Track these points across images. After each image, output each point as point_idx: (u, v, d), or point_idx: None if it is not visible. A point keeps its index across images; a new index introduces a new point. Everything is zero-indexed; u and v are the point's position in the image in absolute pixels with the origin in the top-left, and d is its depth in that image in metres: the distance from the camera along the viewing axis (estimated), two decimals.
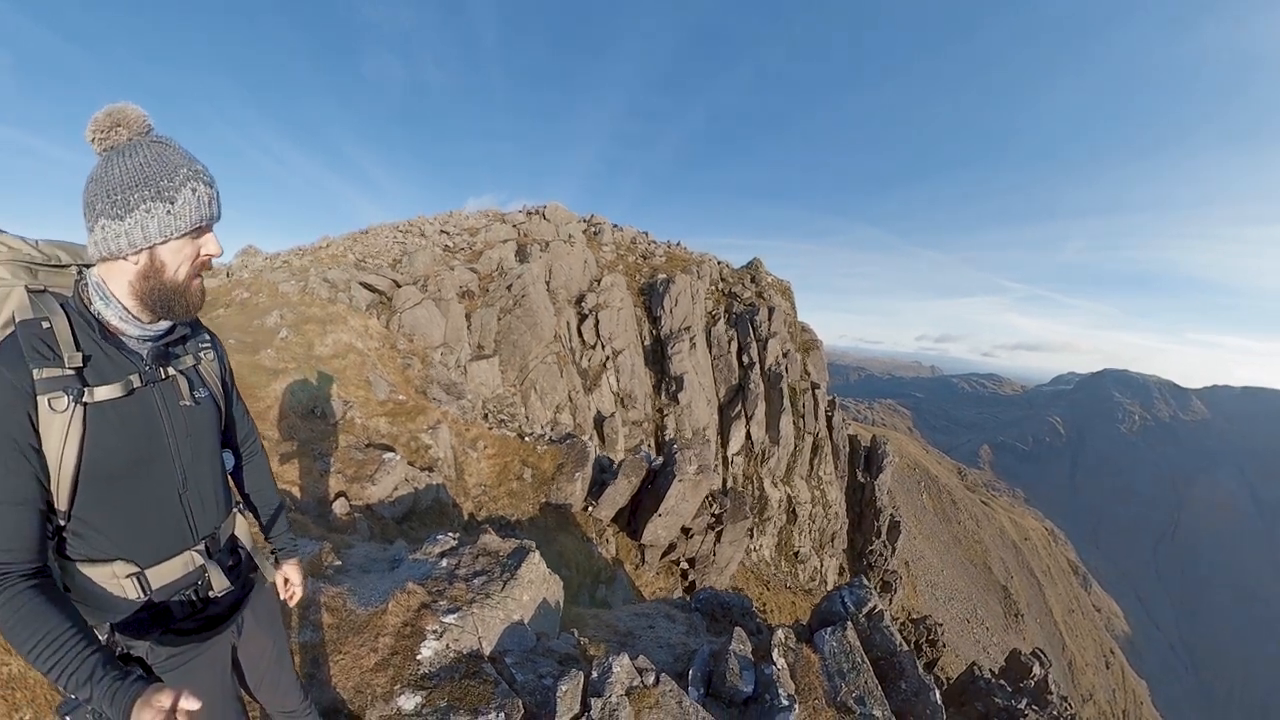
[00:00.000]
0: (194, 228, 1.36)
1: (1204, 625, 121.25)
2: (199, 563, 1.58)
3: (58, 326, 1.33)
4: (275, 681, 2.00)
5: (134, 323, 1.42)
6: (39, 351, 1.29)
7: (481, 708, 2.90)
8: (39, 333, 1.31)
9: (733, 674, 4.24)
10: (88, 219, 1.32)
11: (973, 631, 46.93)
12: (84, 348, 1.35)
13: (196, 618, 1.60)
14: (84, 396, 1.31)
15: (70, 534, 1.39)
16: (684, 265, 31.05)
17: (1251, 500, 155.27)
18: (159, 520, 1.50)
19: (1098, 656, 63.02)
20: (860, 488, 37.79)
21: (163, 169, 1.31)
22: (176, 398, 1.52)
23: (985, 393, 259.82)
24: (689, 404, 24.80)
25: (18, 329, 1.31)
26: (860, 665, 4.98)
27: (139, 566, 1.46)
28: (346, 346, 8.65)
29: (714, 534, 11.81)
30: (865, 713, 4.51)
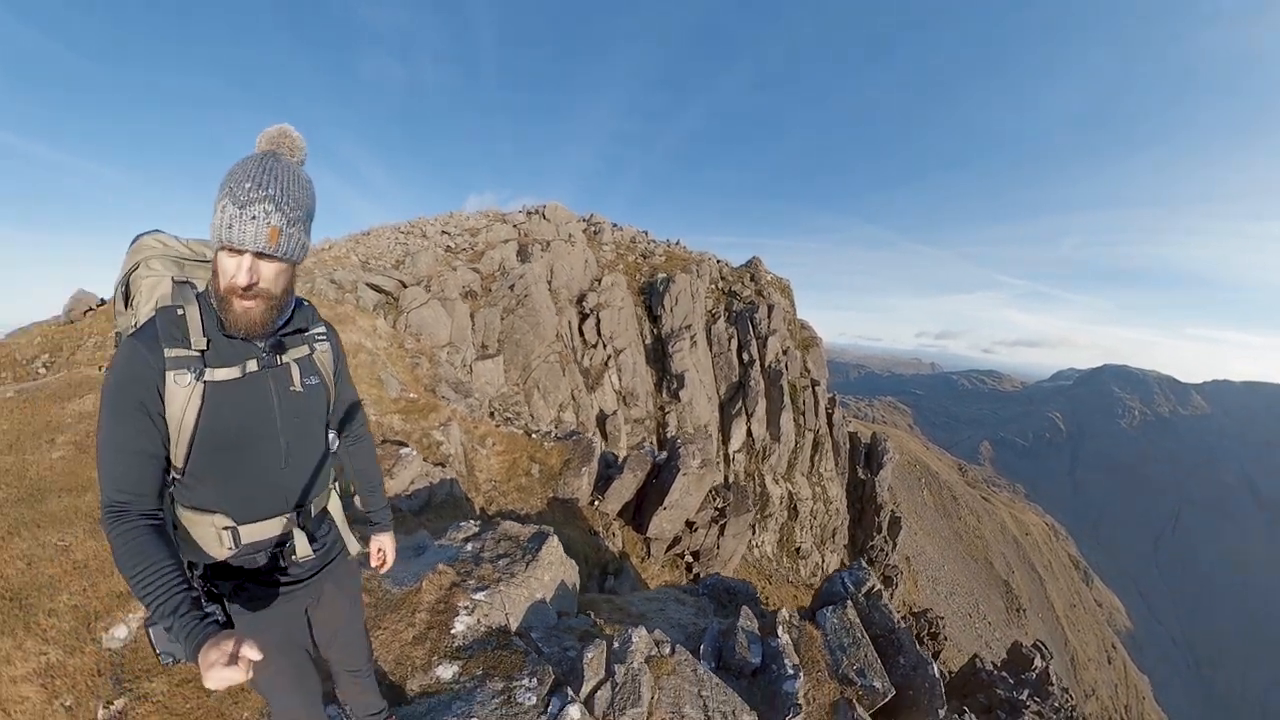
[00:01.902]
0: (221, 245, 1.45)
1: (1205, 620, 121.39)
2: (287, 529, 1.76)
3: (189, 314, 1.53)
4: (346, 643, 2.18)
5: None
6: (171, 334, 1.50)
7: (515, 675, 3.13)
8: (173, 319, 1.52)
9: (741, 647, 4.50)
10: None
11: (974, 626, 47.07)
12: (209, 334, 1.55)
13: (277, 575, 1.79)
14: (204, 375, 1.51)
15: (183, 486, 1.60)
16: (683, 264, 31.26)
17: (1252, 495, 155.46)
18: (258, 487, 1.69)
19: (1099, 652, 63.21)
20: (861, 484, 38.02)
21: (226, 181, 1.43)
22: (288, 383, 1.70)
23: (985, 389, 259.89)
24: (690, 401, 25.04)
25: (157, 314, 1.53)
26: (860, 640, 5.26)
27: (234, 522, 1.65)
28: (357, 346, 8.91)
29: (717, 527, 12.06)
30: (866, 684, 4.79)
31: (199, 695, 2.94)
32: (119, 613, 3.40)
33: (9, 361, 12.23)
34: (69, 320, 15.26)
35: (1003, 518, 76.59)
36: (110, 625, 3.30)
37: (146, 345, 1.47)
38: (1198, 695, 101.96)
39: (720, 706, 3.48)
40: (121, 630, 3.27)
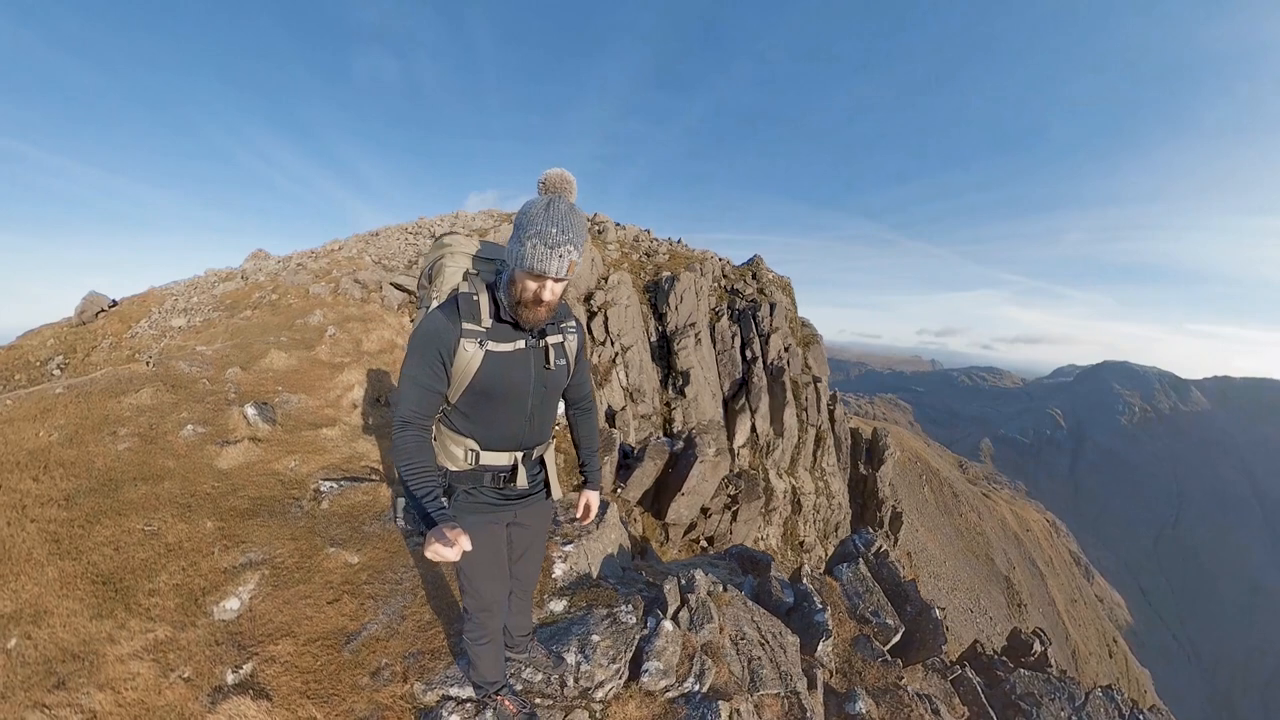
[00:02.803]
0: (527, 271, 1.93)
1: (1206, 615, 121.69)
2: (513, 462, 2.30)
3: (481, 301, 2.10)
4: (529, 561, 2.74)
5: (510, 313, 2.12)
6: (468, 313, 2.06)
7: (613, 604, 3.71)
8: (470, 302, 2.08)
9: (776, 591, 5.39)
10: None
11: (976, 621, 47.37)
12: (491, 317, 2.11)
13: (497, 492, 2.33)
14: (485, 345, 2.06)
15: (451, 414, 2.22)
16: (686, 263, 31.52)
17: (1252, 491, 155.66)
18: (502, 429, 2.23)
19: (1101, 646, 63.53)
20: (862, 480, 38.41)
21: (530, 221, 1.89)
22: (543, 362, 2.23)
23: (985, 386, 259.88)
24: (695, 397, 25.34)
25: (459, 296, 2.09)
26: (873, 589, 6.17)
27: (479, 448, 2.23)
28: (389, 343, 9.22)
29: (730, 513, 12.42)
30: (880, 622, 5.69)
31: (327, 652, 3.19)
32: (228, 587, 3.59)
33: (22, 364, 12.43)
34: (81, 322, 15.47)
35: (1003, 514, 76.88)
36: (221, 599, 3.48)
37: (450, 317, 2.04)
38: (1199, 689, 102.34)
39: (770, 628, 4.33)
40: (234, 602, 3.47)
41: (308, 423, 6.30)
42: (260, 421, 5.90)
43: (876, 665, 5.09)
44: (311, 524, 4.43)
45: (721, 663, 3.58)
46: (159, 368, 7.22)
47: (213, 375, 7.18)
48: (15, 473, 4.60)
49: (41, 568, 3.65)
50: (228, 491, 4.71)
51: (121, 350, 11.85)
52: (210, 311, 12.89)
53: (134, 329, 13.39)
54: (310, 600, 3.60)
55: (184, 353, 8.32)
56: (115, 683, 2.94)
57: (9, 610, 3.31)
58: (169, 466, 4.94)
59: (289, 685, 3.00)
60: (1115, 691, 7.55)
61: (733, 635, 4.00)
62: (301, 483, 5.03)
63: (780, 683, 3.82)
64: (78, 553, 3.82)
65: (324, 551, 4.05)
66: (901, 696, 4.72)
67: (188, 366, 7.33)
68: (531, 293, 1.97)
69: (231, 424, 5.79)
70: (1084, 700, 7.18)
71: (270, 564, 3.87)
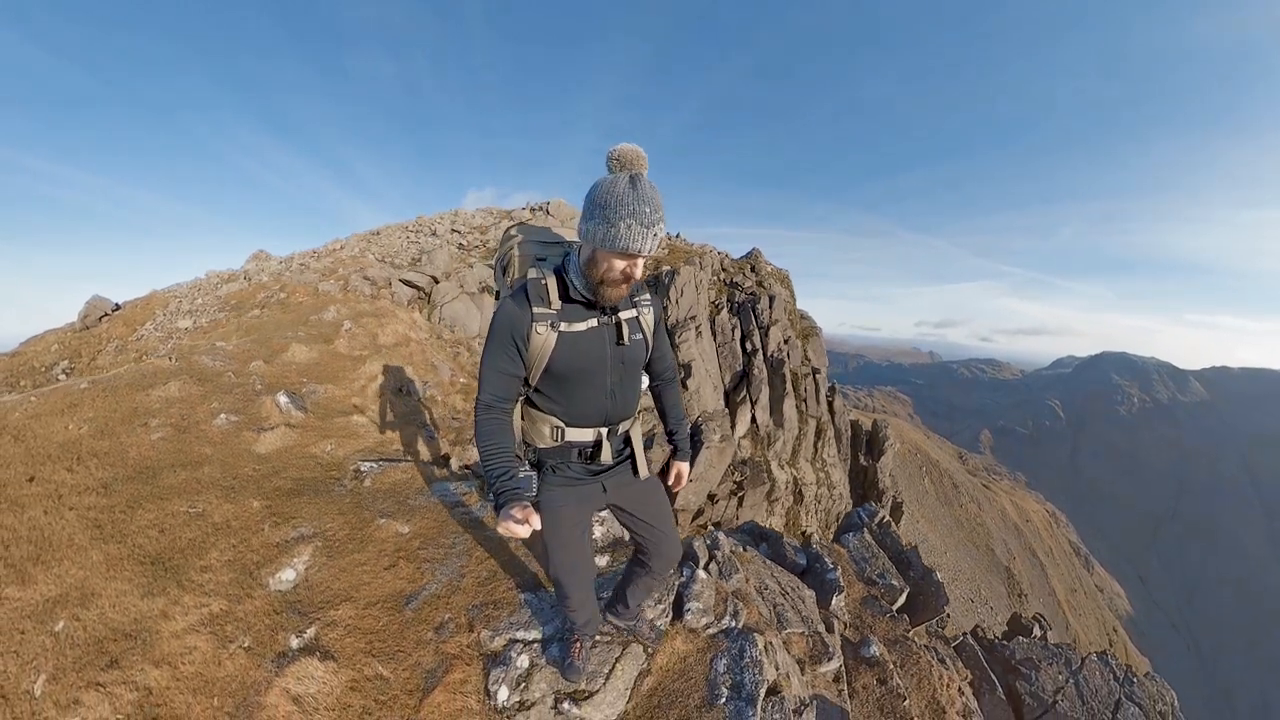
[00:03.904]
0: (616, 250, 1.92)
1: (1205, 604, 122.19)
2: (598, 438, 2.36)
3: (550, 285, 2.13)
4: (659, 523, 2.67)
5: (585, 292, 2.15)
6: (538, 297, 2.10)
7: None
8: (539, 287, 2.11)
9: (790, 554, 5.86)
10: (582, 211, 2.00)
11: (977, 611, 47.72)
12: (561, 299, 2.15)
13: (584, 467, 2.40)
14: (557, 327, 2.11)
15: (535, 394, 2.29)
16: (686, 256, 31.69)
17: (1251, 481, 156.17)
18: (585, 405, 2.29)
19: (1101, 635, 63.94)
20: (863, 471, 38.62)
21: (619, 201, 1.86)
22: (617, 338, 2.26)
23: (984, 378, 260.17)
24: (697, 389, 25.53)
25: (528, 283, 2.12)
26: (878, 554, 6.70)
27: (564, 425, 2.29)
28: (403, 337, 9.38)
29: (736, 499, 12.63)
30: (886, 583, 6.17)
31: (388, 614, 3.31)
32: (282, 559, 3.70)
33: (27, 370, 12.50)
34: (85, 326, 15.55)
35: (1003, 505, 77.27)
36: (276, 570, 3.59)
37: (519, 303, 2.10)
38: (1198, 677, 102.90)
39: (789, 583, 4.85)
40: (289, 573, 3.58)
41: (337, 410, 6.48)
42: (293, 409, 6.07)
43: (885, 620, 5.53)
44: (357, 500, 4.57)
45: (751, 606, 3.94)
46: (181, 362, 7.37)
47: (237, 369, 7.32)
48: (48, 464, 4.66)
49: (85, 552, 3.67)
50: (269, 474, 4.85)
51: (128, 353, 11.82)
52: (216, 312, 12.97)
53: (139, 332, 13.47)
54: (366, 568, 3.73)
55: (204, 348, 8.47)
56: (172, 658, 2.98)
57: (54, 594, 3.32)
58: (206, 453, 5.08)
59: (353, 646, 3.11)
60: (1110, 657, 7.80)
61: (757, 586, 4.44)
62: (340, 465, 5.18)
63: (804, 624, 4.31)
64: (121, 536, 3.87)
65: (374, 523, 4.18)
66: (910, 646, 5.13)
67: (211, 361, 7.48)
68: (620, 271, 2.01)
69: (264, 412, 5.95)
70: (1080, 664, 7.47)
71: (322, 537, 3.99)
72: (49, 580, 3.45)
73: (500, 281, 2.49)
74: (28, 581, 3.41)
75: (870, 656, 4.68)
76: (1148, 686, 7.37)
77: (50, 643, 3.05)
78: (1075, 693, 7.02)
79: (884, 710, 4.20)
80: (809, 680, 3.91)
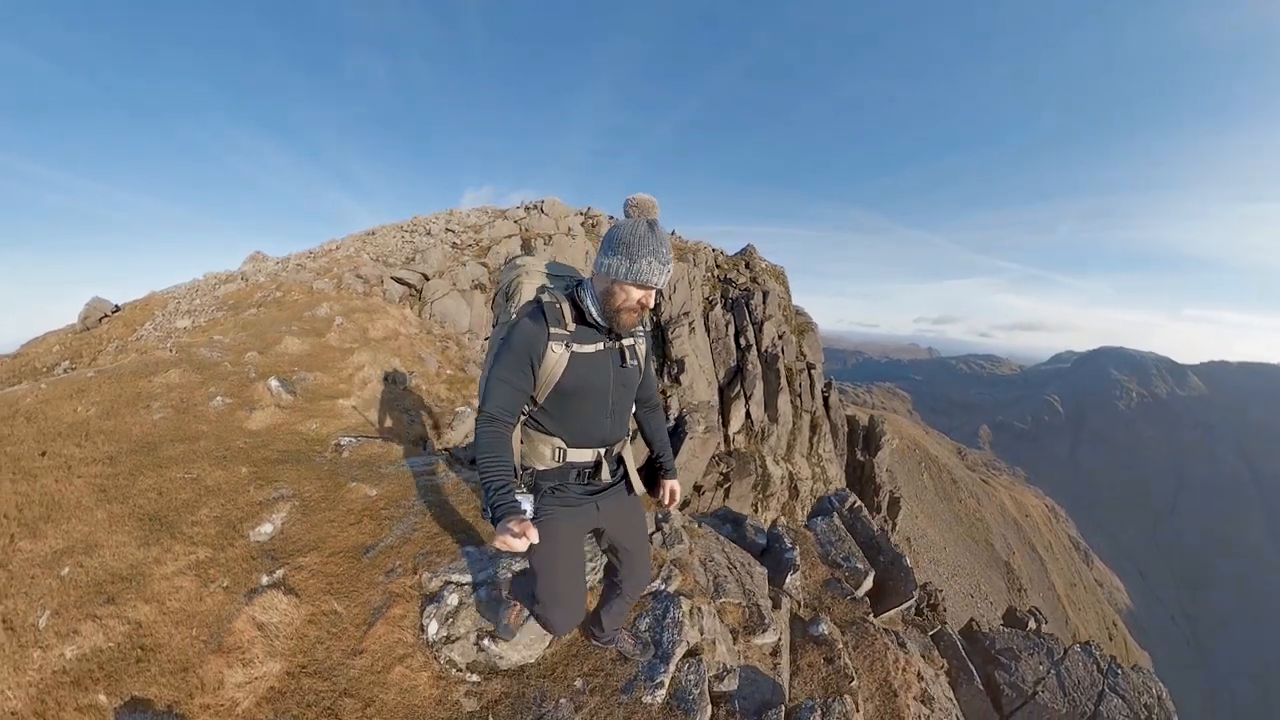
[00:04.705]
0: (636, 282, 2.11)
1: (1205, 598, 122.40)
2: (597, 458, 2.43)
3: (565, 309, 2.24)
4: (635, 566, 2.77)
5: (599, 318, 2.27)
6: (555, 318, 2.19)
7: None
8: (555, 310, 2.21)
9: (751, 534, 6.01)
10: (601, 248, 2.17)
11: (976, 606, 47.82)
12: (574, 321, 2.25)
13: (583, 487, 2.44)
14: (570, 347, 2.21)
15: (538, 414, 2.34)
16: (680, 254, 32.04)
17: (1249, 474, 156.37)
18: (587, 426, 2.37)
19: (1100, 629, 64.16)
20: (860, 466, 38.91)
21: (640, 241, 2.07)
22: (620, 362, 2.38)
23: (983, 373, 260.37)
24: (690, 385, 25.88)
25: (544, 305, 2.22)
26: (845, 538, 6.70)
27: (565, 445, 2.35)
28: (393, 331, 9.76)
29: (723, 490, 12.97)
30: (850, 566, 6.21)
31: (348, 561, 3.74)
32: (263, 515, 4.14)
33: (29, 370, 12.83)
34: (85, 328, 15.88)
35: (1002, 500, 77.51)
36: (256, 525, 4.02)
37: (538, 322, 2.18)
38: (1197, 671, 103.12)
39: (740, 559, 4.86)
40: (268, 526, 4.02)
41: (324, 394, 6.88)
42: (283, 392, 6.47)
43: (845, 602, 5.55)
44: (334, 468, 5.00)
45: (688, 574, 4.09)
46: (181, 354, 7.77)
47: (233, 359, 7.73)
48: (59, 441, 5.10)
49: (90, 512, 4.12)
50: (258, 445, 5.27)
51: (128, 353, 12.04)
52: (214, 312, 13.32)
53: (138, 332, 13.80)
54: (335, 523, 4.16)
55: (203, 342, 8.86)
56: (160, 596, 3.39)
57: (61, 546, 3.77)
58: (203, 430, 5.50)
59: (315, 586, 3.54)
60: (1094, 647, 7.73)
61: (702, 557, 4.55)
62: (323, 440, 5.61)
63: (743, 596, 4.35)
64: (124, 498, 4.31)
65: (346, 487, 4.61)
66: (866, 629, 5.09)
67: (209, 352, 7.89)
68: (635, 300, 2.16)
69: (257, 395, 6.36)
70: (1063, 655, 7.44)
71: (299, 497, 4.43)
72: (58, 535, 3.87)
73: (502, 306, 2.55)
74: (39, 536, 3.83)
75: (819, 635, 4.63)
76: (1132, 678, 7.32)
77: (56, 585, 3.47)
78: (1057, 684, 7.01)
79: (829, 689, 4.14)
80: (741, 650, 3.95)
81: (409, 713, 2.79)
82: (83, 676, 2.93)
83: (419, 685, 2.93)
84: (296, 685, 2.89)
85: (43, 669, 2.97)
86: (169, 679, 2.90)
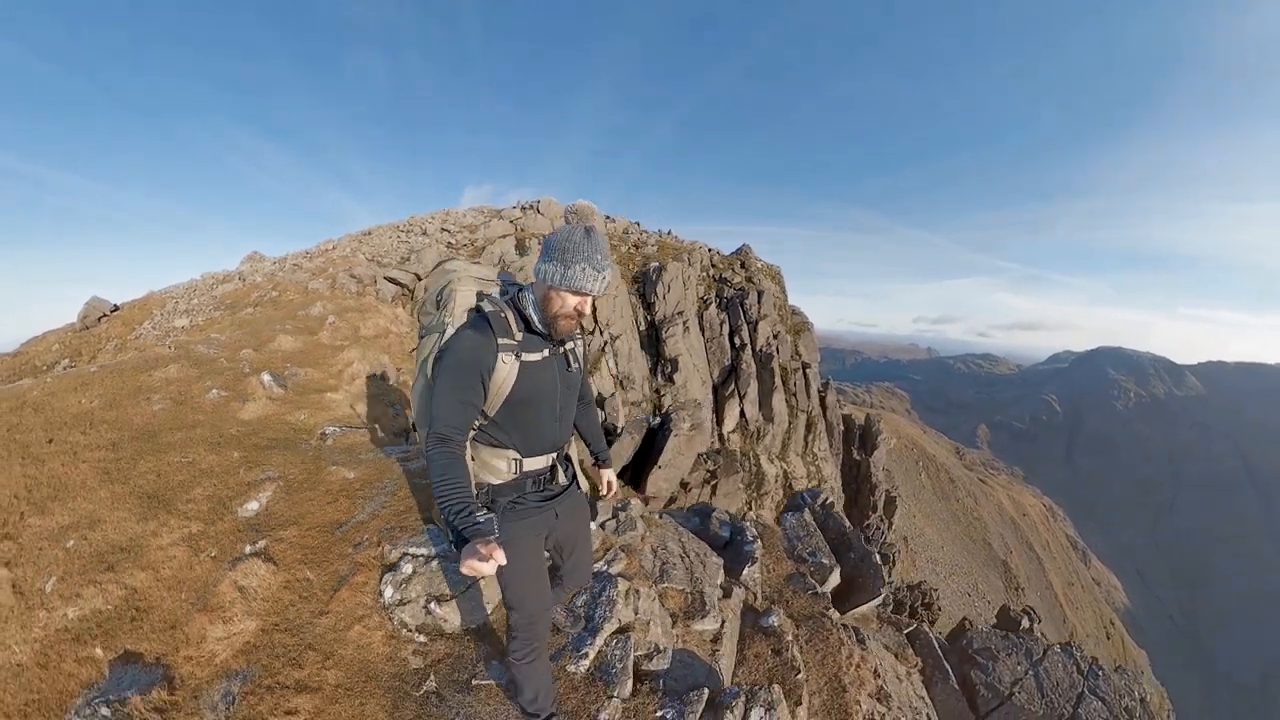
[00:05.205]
0: (571, 289, 2.12)
1: (1203, 597, 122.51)
2: (552, 464, 2.49)
3: (510, 318, 2.22)
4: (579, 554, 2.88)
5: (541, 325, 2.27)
6: (502, 329, 2.18)
7: None
8: (500, 319, 2.20)
9: (715, 526, 6.03)
10: (541, 254, 2.17)
11: (974, 605, 47.95)
12: (520, 330, 2.24)
13: (540, 495, 2.48)
14: (521, 357, 2.21)
15: (489, 429, 2.32)
16: (675, 253, 32.26)
17: (1247, 473, 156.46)
18: (539, 433, 2.38)
19: (1098, 628, 64.35)
20: (856, 465, 39.06)
21: (575, 247, 2.07)
22: (565, 366, 2.43)
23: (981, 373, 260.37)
24: (684, 384, 26.10)
25: (489, 316, 2.20)
26: (813, 533, 6.73)
27: (521, 456, 2.36)
28: (384, 330, 10.08)
29: (710, 487, 13.25)
30: (816, 561, 6.24)
31: (323, 535, 4.12)
32: (250, 494, 4.51)
33: (29, 368, 13.14)
34: (84, 327, 16.17)
35: (1000, 499, 77.77)
36: (244, 502, 4.40)
37: (484, 334, 2.15)
38: (1196, 669, 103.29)
39: (697, 549, 4.94)
40: (254, 504, 4.39)
41: (314, 388, 7.23)
42: (275, 386, 6.80)
43: (806, 596, 5.56)
44: (318, 454, 5.38)
45: (634, 559, 4.30)
46: (180, 351, 8.11)
47: (229, 355, 8.08)
48: (64, 429, 5.45)
49: (94, 491, 4.48)
50: (250, 433, 5.65)
51: (127, 351, 12.48)
52: (211, 311, 13.62)
53: (137, 331, 14.10)
54: (314, 502, 4.55)
55: (200, 340, 9.19)
56: (155, 564, 3.76)
57: (67, 522, 4.13)
58: (199, 419, 5.86)
59: (292, 556, 3.92)
60: (1075, 648, 7.81)
61: (654, 545, 4.70)
62: (310, 429, 6.01)
63: (689, 583, 4.44)
64: (125, 479, 4.67)
65: (327, 469, 5.01)
66: (824, 623, 5.05)
67: (206, 349, 8.23)
68: (572, 307, 2.17)
69: (250, 388, 6.72)
70: (1041, 655, 7.50)
71: (284, 479, 4.82)
72: (64, 512, 4.21)
73: (433, 315, 2.44)
74: (46, 513, 4.17)
75: (769, 627, 4.57)
76: (1114, 681, 7.31)
77: (62, 555, 3.83)
78: (1035, 685, 7.00)
79: (773, 679, 4.07)
80: (679, 634, 4.01)
81: (362, 666, 3.12)
82: (82, 634, 3.27)
83: (373, 643, 3.27)
84: (268, 640, 3.24)
85: (47, 627, 3.30)
86: (159, 635, 3.24)
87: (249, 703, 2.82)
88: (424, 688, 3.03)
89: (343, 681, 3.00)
